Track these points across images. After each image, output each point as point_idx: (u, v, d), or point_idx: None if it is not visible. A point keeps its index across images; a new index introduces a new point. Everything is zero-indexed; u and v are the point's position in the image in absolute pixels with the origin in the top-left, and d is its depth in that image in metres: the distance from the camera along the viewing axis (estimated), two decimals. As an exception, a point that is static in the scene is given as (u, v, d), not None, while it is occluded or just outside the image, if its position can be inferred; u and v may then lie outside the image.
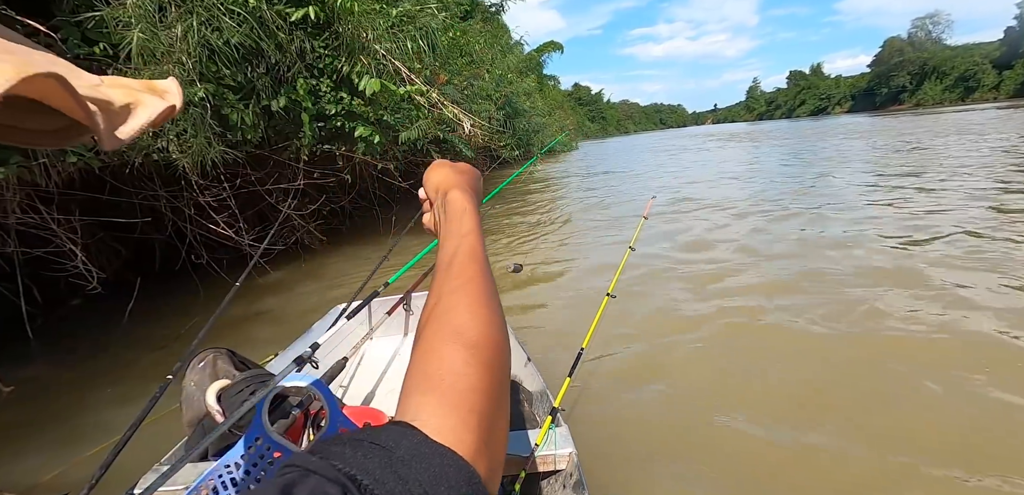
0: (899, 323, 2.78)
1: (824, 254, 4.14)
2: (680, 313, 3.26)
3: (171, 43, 3.38)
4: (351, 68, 4.73)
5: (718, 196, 7.74)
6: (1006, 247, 3.86)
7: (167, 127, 3.61)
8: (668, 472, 1.86)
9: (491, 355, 0.42)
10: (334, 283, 4.91)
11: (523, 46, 22.50)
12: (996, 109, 32.40)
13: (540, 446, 1.18)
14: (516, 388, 1.64)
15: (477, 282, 0.48)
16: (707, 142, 27.10)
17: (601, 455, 1.91)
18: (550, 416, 1.26)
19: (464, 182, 0.65)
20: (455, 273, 0.49)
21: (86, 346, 3.73)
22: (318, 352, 2.04)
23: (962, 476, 1.70)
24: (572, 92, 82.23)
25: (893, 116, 44.22)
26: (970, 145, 11.40)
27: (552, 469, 1.20)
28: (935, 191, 6.36)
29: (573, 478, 1.16)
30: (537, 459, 1.17)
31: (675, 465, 1.89)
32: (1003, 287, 3.14)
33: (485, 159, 10.71)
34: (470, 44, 9.78)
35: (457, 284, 0.48)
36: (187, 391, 1.39)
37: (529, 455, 1.16)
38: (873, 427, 1.97)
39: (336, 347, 2.20)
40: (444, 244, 0.55)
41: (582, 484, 1.13)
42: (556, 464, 1.19)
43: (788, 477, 1.77)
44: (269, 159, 5.08)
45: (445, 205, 0.60)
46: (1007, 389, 2.11)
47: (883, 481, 1.71)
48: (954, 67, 73.29)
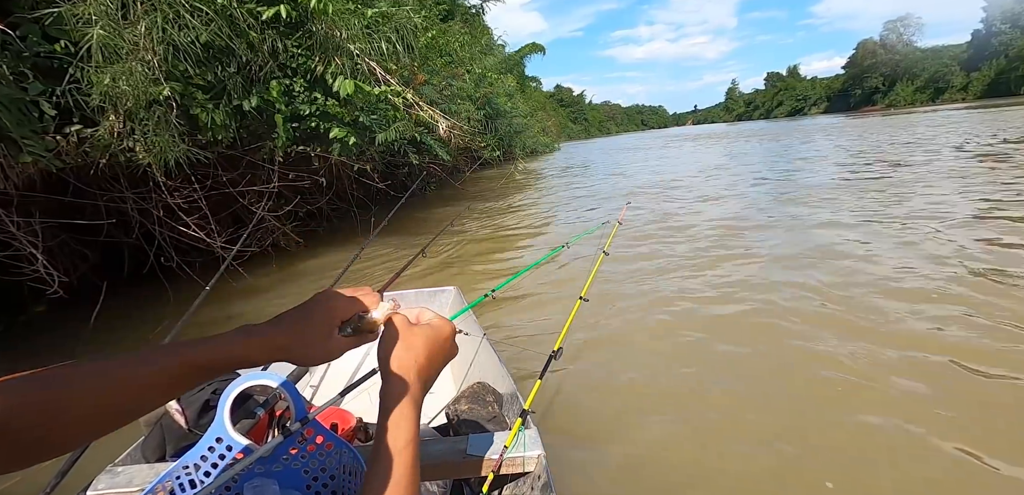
0: (869, 335, 2.74)
1: (805, 256, 4.16)
2: (653, 317, 3.27)
3: (135, 41, 3.30)
4: (325, 68, 4.67)
5: (696, 199, 7.82)
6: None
7: (132, 126, 3.53)
8: (636, 474, 1.87)
9: None
10: (311, 286, 4.85)
11: (504, 47, 22.53)
12: (966, 110, 33.46)
13: (509, 448, 1.17)
14: (486, 390, 1.63)
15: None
16: (686, 143, 27.44)
17: (570, 457, 1.92)
18: (520, 418, 1.26)
19: (416, 371, 0.63)
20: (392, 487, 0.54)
21: (50, 352, 3.62)
22: None
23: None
24: (554, 93, 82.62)
25: (865, 116, 45.44)
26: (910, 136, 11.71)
27: (520, 471, 1.19)
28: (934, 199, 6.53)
29: (541, 480, 1.15)
30: (505, 461, 1.16)
31: (644, 467, 1.90)
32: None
33: (466, 160, 10.69)
34: (449, 44, 9.75)
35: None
36: None
37: (498, 457, 1.15)
38: (853, 430, 1.98)
39: None
40: (384, 440, 0.57)
41: (550, 486, 1.12)
42: (524, 466, 1.18)
43: (758, 480, 1.78)
44: (242, 160, 4.99)
45: (386, 396, 0.61)
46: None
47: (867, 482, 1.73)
48: (924, 69, 75.43)
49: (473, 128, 9.64)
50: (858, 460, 1.81)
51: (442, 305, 2.62)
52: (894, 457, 1.79)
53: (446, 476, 1.17)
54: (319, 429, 0.84)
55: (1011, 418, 1.94)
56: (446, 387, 2.05)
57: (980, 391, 2.13)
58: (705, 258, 4.41)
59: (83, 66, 3.24)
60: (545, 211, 8.54)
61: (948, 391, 2.13)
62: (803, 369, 2.44)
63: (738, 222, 5.68)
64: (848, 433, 1.95)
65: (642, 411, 2.27)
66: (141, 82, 3.37)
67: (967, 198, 5.62)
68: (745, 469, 1.84)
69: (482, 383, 1.68)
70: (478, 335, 2.04)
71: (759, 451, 1.91)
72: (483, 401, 1.57)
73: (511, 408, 1.56)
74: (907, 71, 78.06)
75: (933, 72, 73.79)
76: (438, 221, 7.63)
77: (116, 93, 3.35)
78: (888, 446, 1.85)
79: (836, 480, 1.71)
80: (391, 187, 6.96)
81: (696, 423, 2.14)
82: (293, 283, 5.08)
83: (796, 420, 2.07)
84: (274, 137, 4.69)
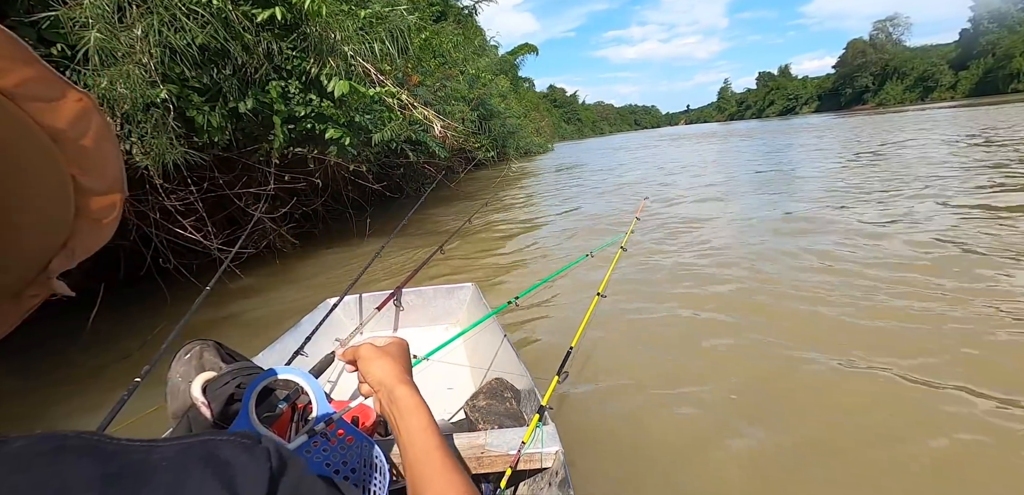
0: (889, 328, 2.74)
1: (819, 253, 4.13)
2: (670, 313, 3.24)
3: (131, 44, 3.32)
4: (320, 70, 4.69)
5: (708, 196, 7.82)
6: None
7: (129, 129, 3.54)
8: (654, 471, 1.85)
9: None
10: (308, 286, 4.86)
11: (498, 47, 22.57)
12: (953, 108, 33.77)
13: (527, 444, 1.17)
14: (504, 386, 1.63)
15: (451, 471, 0.59)
16: (685, 142, 27.54)
17: (588, 454, 1.90)
18: (537, 414, 1.26)
19: (403, 371, 0.71)
20: (438, 470, 0.59)
21: (48, 356, 3.61)
22: (308, 346, 2.04)
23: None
24: (547, 94, 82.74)
25: (854, 115, 45.77)
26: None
27: (538, 467, 1.19)
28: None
29: (559, 476, 1.15)
30: (523, 457, 1.17)
31: (662, 465, 1.88)
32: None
33: (460, 160, 10.72)
34: (443, 45, 9.78)
35: (440, 482, 0.58)
36: (172, 383, 1.37)
37: (515, 453, 1.15)
38: (871, 428, 1.96)
39: (326, 341, 2.19)
40: (411, 442, 0.62)
41: (568, 482, 1.13)
42: (542, 462, 1.19)
43: (779, 480, 1.77)
44: (238, 162, 5.00)
45: (395, 403, 0.67)
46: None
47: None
48: (913, 68, 76.23)
49: (467, 129, 9.67)
50: (888, 473, 1.76)
51: (461, 301, 2.61)
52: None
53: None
54: (341, 424, 0.86)
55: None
56: (465, 383, 2.05)
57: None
58: (724, 254, 4.40)
59: (80, 69, 3.25)
60: (551, 209, 8.58)
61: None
62: (831, 372, 2.37)
63: (753, 217, 5.72)
64: (879, 447, 1.87)
65: (660, 407, 2.24)
66: (138, 85, 3.39)
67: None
68: (766, 470, 1.80)
69: (500, 379, 1.68)
70: (497, 333, 2.04)
71: (781, 455, 1.87)
72: (501, 397, 1.57)
73: (529, 404, 1.57)
74: (896, 70, 78.84)
75: (922, 71, 74.60)
76: (436, 222, 7.66)
77: (113, 96, 3.36)
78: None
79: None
80: (386, 188, 6.98)
81: (715, 420, 2.10)
82: (289, 285, 5.09)
83: (840, 425, 2.01)
84: (271, 138, 4.71)
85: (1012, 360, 2.28)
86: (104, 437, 0.31)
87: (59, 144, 0.32)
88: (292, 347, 2.00)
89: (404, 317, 2.60)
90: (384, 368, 0.70)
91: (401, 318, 2.59)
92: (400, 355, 0.74)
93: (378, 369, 0.71)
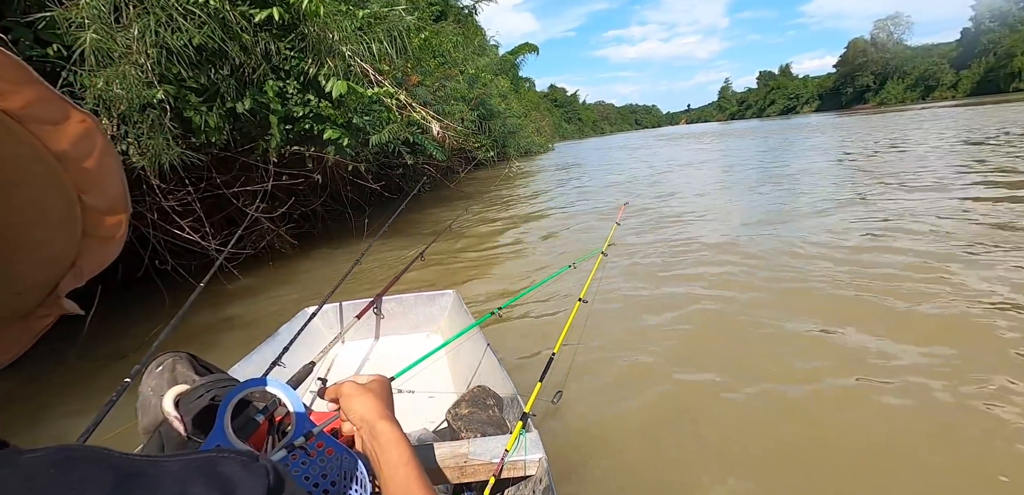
0: (866, 343, 2.73)
1: (805, 259, 4.11)
2: (652, 318, 3.24)
3: (128, 44, 3.31)
4: (318, 70, 4.69)
5: (693, 197, 7.85)
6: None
7: (125, 129, 3.53)
8: (637, 476, 1.86)
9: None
10: (306, 287, 4.85)
11: (498, 47, 22.57)
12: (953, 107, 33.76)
13: (510, 452, 1.17)
14: (487, 394, 1.61)
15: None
16: (684, 141, 27.51)
17: (572, 460, 1.91)
18: (521, 422, 1.26)
19: (384, 407, 0.73)
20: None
21: (45, 358, 3.61)
22: (286, 356, 2.01)
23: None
24: (548, 94, 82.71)
25: (855, 114, 45.74)
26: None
27: (522, 475, 1.19)
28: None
29: (542, 484, 1.15)
30: (507, 465, 1.16)
31: (644, 471, 1.88)
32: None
33: (460, 160, 10.71)
34: (442, 45, 9.77)
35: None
36: (143, 396, 1.36)
37: (499, 461, 1.15)
38: (863, 446, 1.93)
39: (305, 351, 2.14)
40: (392, 476, 0.64)
41: (551, 489, 1.13)
42: (526, 470, 1.19)
43: (761, 479, 1.77)
44: (236, 161, 5.00)
45: (375, 438, 0.68)
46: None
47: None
48: (915, 67, 76.11)
49: (467, 129, 9.65)
50: (870, 469, 1.77)
51: (442, 308, 2.58)
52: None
53: (447, 480, 1.17)
54: (321, 436, 0.85)
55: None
56: (447, 391, 2.04)
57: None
58: (704, 255, 4.41)
59: (76, 70, 3.25)
60: (542, 208, 8.57)
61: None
62: (808, 367, 2.40)
63: (738, 219, 5.72)
64: (864, 438, 1.88)
65: (643, 411, 2.25)
66: (135, 85, 3.38)
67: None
68: (749, 473, 1.81)
69: (483, 387, 1.66)
70: (480, 341, 2.02)
71: (764, 454, 1.88)
72: (484, 405, 1.55)
73: (512, 411, 1.55)
74: (897, 69, 78.72)
75: (923, 70, 74.46)
76: (434, 223, 7.65)
77: (110, 96, 3.36)
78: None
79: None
80: (385, 188, 6.98)
81: (698, 423, 2.11)
82: (288, 285, 5.08)
83: (804, 426, 2.03)
84: (268, 138, 4.71)
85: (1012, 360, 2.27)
86: (110, 451, 0.32)
87: (64, 165, 0.33)
88: (269, 358, 1.96)
89: (384, 325, 2.55)
90: (366, 404, 0.72)
91: (382, 326, 2.54)
92: (382, 392, 0.77)
93: (360, 405, 0.73)
